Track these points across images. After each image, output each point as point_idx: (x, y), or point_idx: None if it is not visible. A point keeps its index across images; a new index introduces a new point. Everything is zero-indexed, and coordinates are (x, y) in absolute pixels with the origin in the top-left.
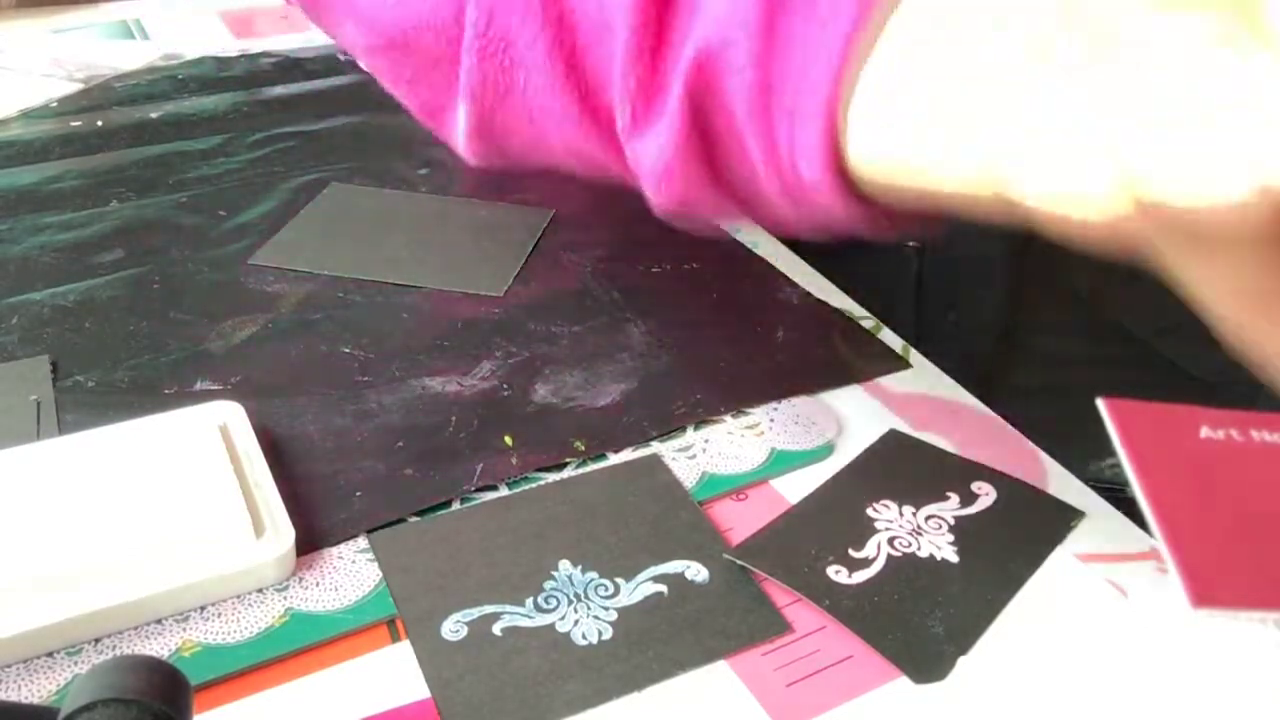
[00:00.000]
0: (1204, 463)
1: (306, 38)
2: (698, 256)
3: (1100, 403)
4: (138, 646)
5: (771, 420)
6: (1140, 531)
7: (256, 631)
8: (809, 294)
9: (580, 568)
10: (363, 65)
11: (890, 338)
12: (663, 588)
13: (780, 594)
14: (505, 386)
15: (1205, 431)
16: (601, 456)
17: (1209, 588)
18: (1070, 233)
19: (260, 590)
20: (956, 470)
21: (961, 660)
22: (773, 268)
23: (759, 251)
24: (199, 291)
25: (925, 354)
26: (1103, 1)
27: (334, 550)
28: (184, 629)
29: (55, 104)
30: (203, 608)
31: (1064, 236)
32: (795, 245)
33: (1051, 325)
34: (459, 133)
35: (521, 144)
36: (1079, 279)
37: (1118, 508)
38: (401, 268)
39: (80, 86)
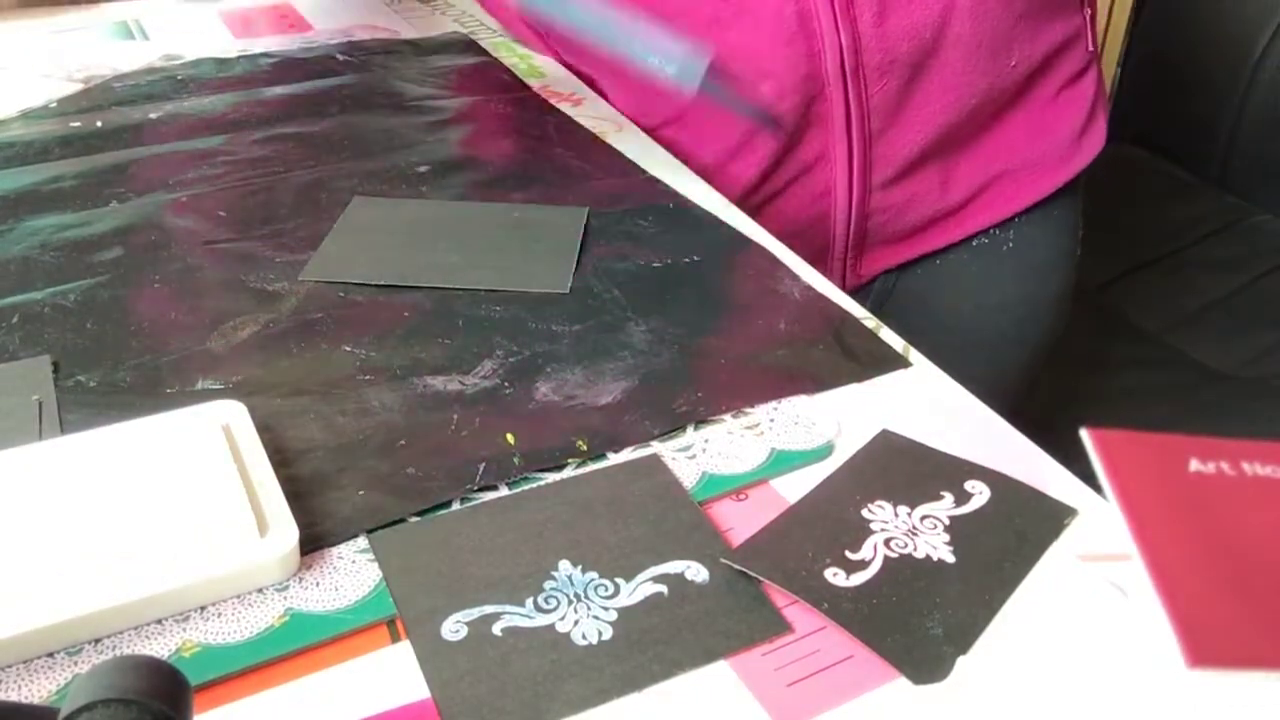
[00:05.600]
0: (1196, 501)
1: (306, 38)
2: (698, 253)
3: (1084, 434)
4: (138, 646)
5: (771, 420)
6: None
7: (256, 631)
8: (810, 290)
9: (580, 568)
10: None
11: (890, 337)
12: (663, 588)
13: (780, 594)
14: (507, 385)
15: (1195, 465)
16: (602, 456)
17: (1207, 647)
18: None
19: (260, 590)
20: (949, 469)
21: (961, 660)
22: (774, 264)
23: (760, 247)
24: (200, 291)
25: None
26: None
27: (334, 550)
28: (184, 629)
29: (55, 104)
30: (203, 608)
31: None
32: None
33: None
34: None
35: None
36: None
37: None
38: (458, 272)
39: (80, 86)
